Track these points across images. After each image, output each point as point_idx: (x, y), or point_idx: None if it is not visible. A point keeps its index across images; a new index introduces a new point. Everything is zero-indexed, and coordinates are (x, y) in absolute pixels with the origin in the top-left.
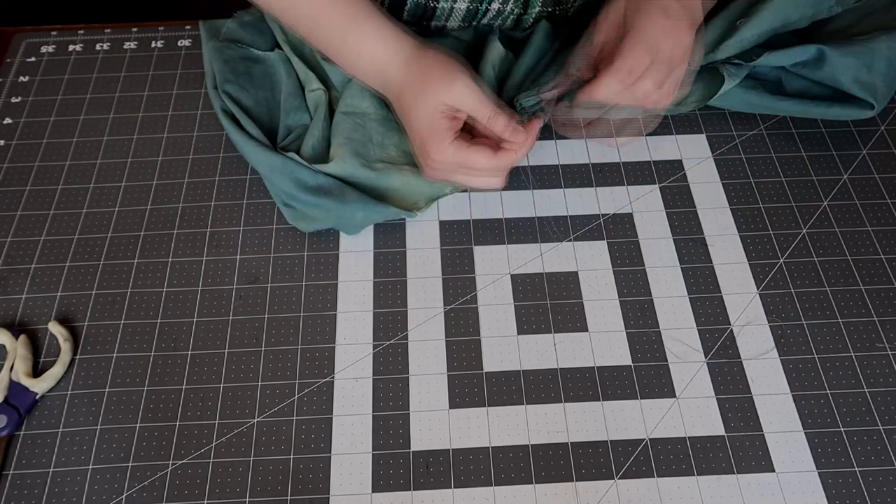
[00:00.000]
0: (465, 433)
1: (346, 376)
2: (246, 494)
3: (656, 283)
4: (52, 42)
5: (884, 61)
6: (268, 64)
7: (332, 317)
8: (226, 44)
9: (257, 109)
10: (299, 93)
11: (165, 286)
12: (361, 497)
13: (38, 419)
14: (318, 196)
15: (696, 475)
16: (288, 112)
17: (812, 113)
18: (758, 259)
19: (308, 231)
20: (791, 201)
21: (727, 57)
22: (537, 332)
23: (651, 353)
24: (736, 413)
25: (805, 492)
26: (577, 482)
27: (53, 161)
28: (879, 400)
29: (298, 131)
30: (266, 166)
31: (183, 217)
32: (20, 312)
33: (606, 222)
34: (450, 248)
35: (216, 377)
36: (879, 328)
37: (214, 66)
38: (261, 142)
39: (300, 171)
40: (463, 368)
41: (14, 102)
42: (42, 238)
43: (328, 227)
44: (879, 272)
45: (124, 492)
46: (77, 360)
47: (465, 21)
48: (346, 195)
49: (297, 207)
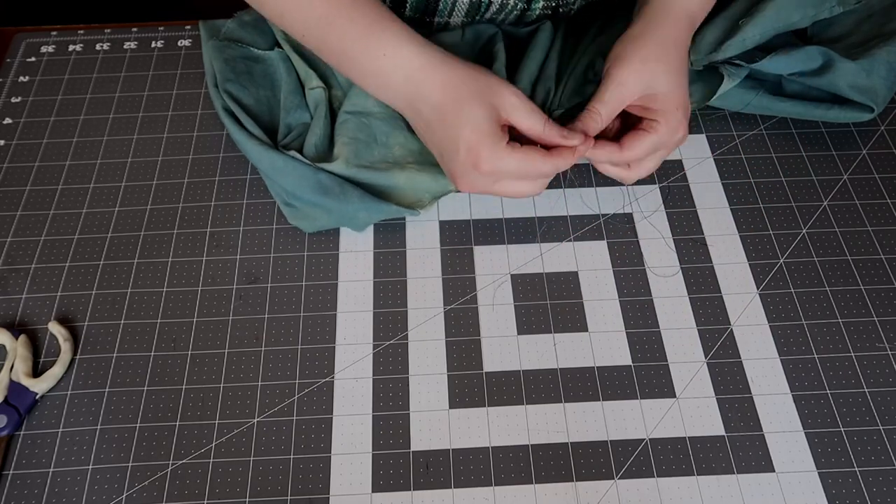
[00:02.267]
0: (465, 433)
1: (346, 376)
2: (246, 494)
3: (656, 283)
4: (52, 42)
5: (884, 65)
6: (268, 63)
7: (332, 317)
8: (226, 43)
9: (258, 108)
10: (299, 91)
11: (165, 286)
12: (361, 497)
13: (38, 419)
14: (320, 195)
15: (696, 475)
16: (288, 110)
17: (812, 114)
18: (758, 259)
19: (310, 231)
20: (791, 201)
21: (728, 57)
22: (537, 332)
23: (651, 353)
24: (736, 413)
25: (805, 492)
26: (577, 482)
27: (53, 161)
28: (879, 400)
29: (299, 130)
30: (268, 165)
31: (183, 217)
32: (20, 312)
33: (606, 222)
34: (450, 248)
35: (216, 377)
36: (879, 328)
37: (215, 65)
38: (263, 140)
39: (303, 170)
40: (463, 368)
41: (14, 102)
42: (42, 238)
43: (331, 226)
44: (879, 272)
45: (124, 492)
46: (77, 360)
47: (469, 16)
48: (348, 194)
49: (298, 207)
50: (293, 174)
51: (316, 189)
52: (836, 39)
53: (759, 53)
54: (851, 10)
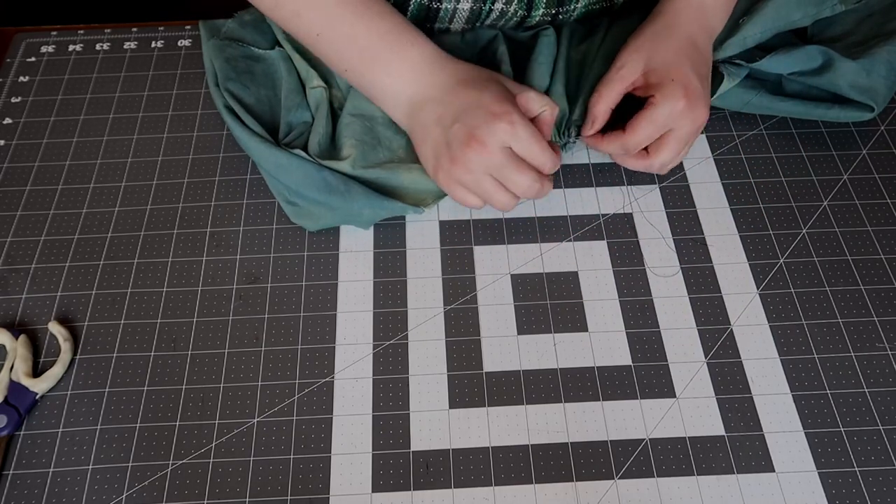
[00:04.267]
0: (465, 433)
1: (346, 376)
2: (246, 494)
3: (656, 283)
4: (52, 42)
5: (884, 65)
6: (269, 62)
7: (332, 317)
8: (227, 42)
9: (259, 107)
10: (300, 90)
11: (165, 286)
12: (361, 497)
13: (38, 419)
14: (325, 193)
15: (696, 475)
16: (289, 109)
17: (812, 114)
18: (758, 259)
19: (313, 230)
20: (791, 201)
21: (728, 56)
22: (537, 332)
23: (651, 353)
24: (736, 413)
25: (805, 492)
26: (577, 482)
27: (53, 161)
28: (879, 400)
29: (300, 129)
30: (272, 163)
31: (183, 217)
32: (20, 312)
33: (606, 222)
34: (450, 248)
35: (216, 377)
36: (879, 328)
37: (216, 63)
38: (266, 138)
39: (308, 168)
40: (463, 368)
41: (14, 102)
42: (42, 238)
43: (334, 224)
44: (879, 272)
45: (124, 492)
46: (77, 360)
47: (469, 23)
48: (353, 192)
49: (301, 205)
50: (298, 172)
51: (322, 187)
52: (837, 39)
53: (759, 53)
54: (852, 10)
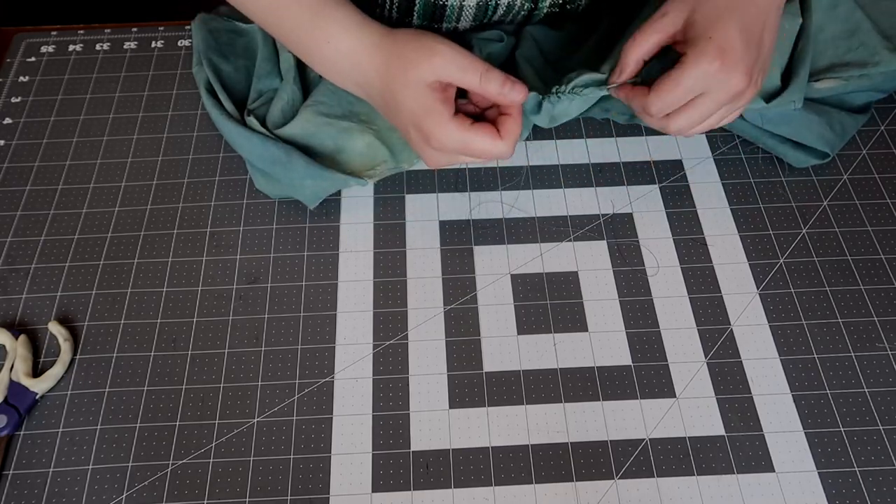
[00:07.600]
0: (465, 433)
1: (346, 376)
2: (246, 494)
3: (656, 283)
4: (52, 42)
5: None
6: (250, 36)
7: (332, 317)
8: (213, 16)
9: (235, 77)
10: (274, 59)
11: (165, 286)
12: (361, 497)
13: (38, 419)
14: (269, 164)
15: (696, 475)
16: (260, 77)
17: (778, 150)
18: (758, 259)
19: (275, 197)
20: (791, 201)
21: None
22: (537, 332)
23: (651, 353)
24: (736, 413)
25: (805, 492)
26: (577, 482)
27: (53, 161)
28: (879, 400)
29: (269, 95)
30: (233, 139)
31: (183, 217)
32: (20, 312)
33: (606, 222)
34: (450, 248)
35: (216, 377)
36: (879, 328)
37: (199, 36)
38: (231, 115)
39: (255, 142)
40: (463, 368)
41: (14, 102)
42: (42, 238)
43: (283, 196)
44: (879, 272)
45: (124, 492)
46: (77, 360)
47: (476, 19)
48: (294, 163)
49: (258, 176)
50: (247, 146)
51: (266, 158)
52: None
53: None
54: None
